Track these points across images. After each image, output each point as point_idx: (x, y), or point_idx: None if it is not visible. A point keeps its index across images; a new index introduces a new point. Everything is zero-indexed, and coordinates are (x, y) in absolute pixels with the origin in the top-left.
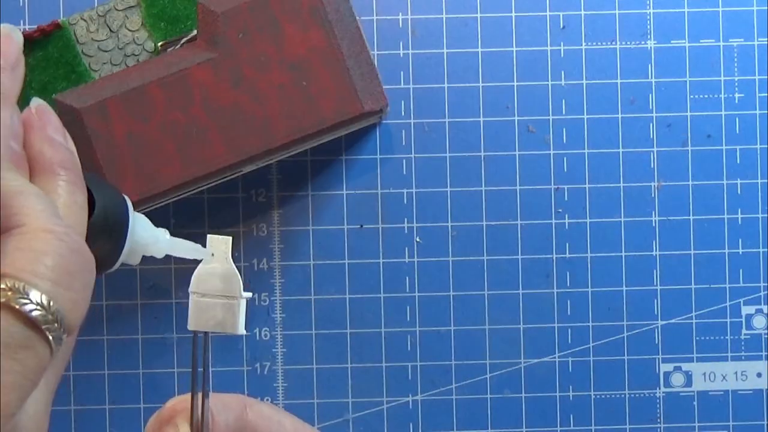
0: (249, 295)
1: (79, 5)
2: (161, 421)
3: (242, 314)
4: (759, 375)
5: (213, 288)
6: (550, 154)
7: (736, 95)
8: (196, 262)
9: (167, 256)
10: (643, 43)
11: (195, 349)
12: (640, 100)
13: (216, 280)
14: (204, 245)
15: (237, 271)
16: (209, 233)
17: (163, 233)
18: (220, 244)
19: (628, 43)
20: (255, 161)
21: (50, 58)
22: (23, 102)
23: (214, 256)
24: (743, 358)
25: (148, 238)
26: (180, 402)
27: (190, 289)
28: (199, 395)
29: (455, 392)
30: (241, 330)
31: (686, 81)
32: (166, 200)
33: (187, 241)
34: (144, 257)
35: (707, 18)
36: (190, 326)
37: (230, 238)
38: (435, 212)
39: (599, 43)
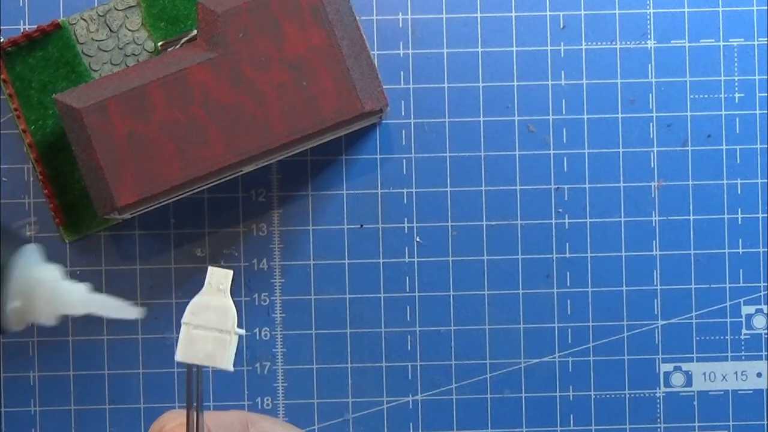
0: (243, 331)
1: (79, 5)
2: None
3: (233, 350)
4: (759, 375)
5: (206, 320)
6: (550, 154)
7: (736, 95)
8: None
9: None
10: (643, 43)
11: (189, 377)
12: (640, 100)
13: (210, 313)
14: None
15: (234, 306)
16: (209, 233)
17: (80, 288)
18: (219, 277)
19: (628, 43)
20: (255, 161)
21: (50, 58)
22: (24, 101)
23: (212, 288)
24: (743, 358)
25: (49, 290)
26: (173, 419)
27: (183, 320)
28: (194, 418)
29: (455, 392)
30: (230, 366)
31: (686, 81)
32: (166, 200)
33: (110, 298)
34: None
35: (707, 18)
36: (178, 357)
37: (231, 271)
38: (435, 212)
39: (599, 43)
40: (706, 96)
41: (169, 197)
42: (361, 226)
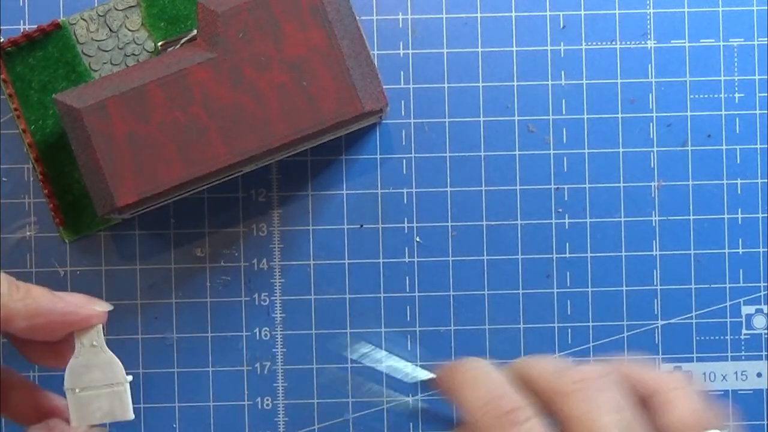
0: (130, 377)
1: (79, 5)
2: None
3: (130, 398)
4: (759, 375)
5: (92, 380)
6: (550, 154)
7: (736, 95)
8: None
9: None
10: (643, 43)
11: None
12: (640, 100)
13: (95, 371)
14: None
15: (115, 356)
16: (209, 233)
17: None
18: (89, 334)
19: (628, 43)
20: (255, 161)
21: (50, 58)
22: (24, 101)
23: (85, 347)
24: (743, 358)
25: None
26: None
27: (66, 386)
28: None
29: None
30: (131, 414)
31: (686, 81)
32: (166, 200)
33: None
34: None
35: (707, 18)
36: (74, 422)
37: (100, 325)
38: (435, 212)
39: (599, 43)
40: (706, 96)
41: (169, 197)
42: (361, 226)
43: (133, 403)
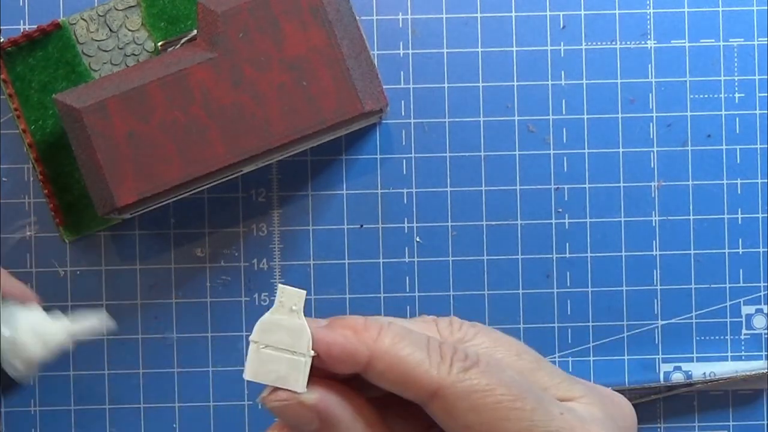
0: (314, 353)
1: (79, 5)
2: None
3: (308, 372)
4: (759, 375)
5: (278, 341)
6: (550, 154)
7: (736, 95)
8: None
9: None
10: (643, 43)
11: None
12: (640, 100)
13: (283, 333)
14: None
15: (308, 327)
16: (209, 233)
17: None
18: (292, 297)
19: (628, 43)
20: (255, 161)
21: (50, 58)
22: (24, 101)
23: (284, 308)
24: (743, 358)
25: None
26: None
27: (252, 338)
28: None
29: None
30: (304, 388)
31: (686, 81)
32: (166, 200)
33: (84, 319)
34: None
35: (707, 18)
36: (248, 376)
37: (304, 291)
38: (435, 212)
39: (599, 43)
40: (706, 96)
41: (169, 197)
42: (361, 226)
43: (133, 403)
